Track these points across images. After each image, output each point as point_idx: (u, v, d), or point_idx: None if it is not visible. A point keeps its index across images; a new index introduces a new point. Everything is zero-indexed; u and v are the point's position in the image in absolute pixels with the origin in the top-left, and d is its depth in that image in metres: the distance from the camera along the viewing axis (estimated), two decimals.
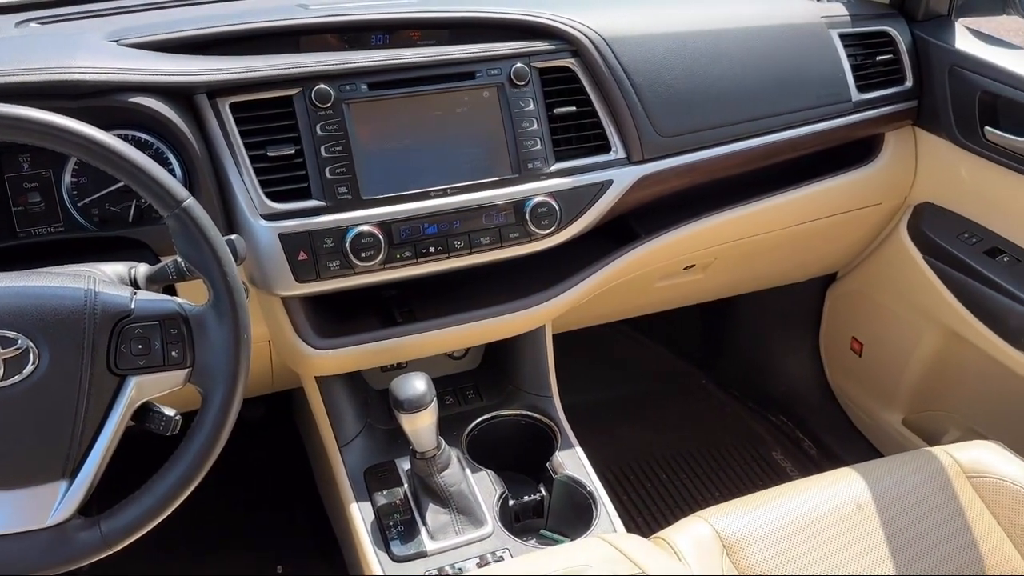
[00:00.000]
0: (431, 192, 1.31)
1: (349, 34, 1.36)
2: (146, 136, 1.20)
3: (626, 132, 1.42)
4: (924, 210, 1.77)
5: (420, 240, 1.30)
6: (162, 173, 0.94)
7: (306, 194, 1.26)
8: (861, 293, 2.02)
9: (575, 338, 1.88)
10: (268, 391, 1.74)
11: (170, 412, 0.98)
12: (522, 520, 1.42)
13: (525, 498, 1.42)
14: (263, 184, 1.24)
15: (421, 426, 1.27)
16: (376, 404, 1.52)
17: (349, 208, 1.27)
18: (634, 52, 1.43)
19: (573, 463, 1.45)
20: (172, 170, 1.21)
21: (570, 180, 1.38)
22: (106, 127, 0.96)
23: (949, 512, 1.20)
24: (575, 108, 1.39)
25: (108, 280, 0.97)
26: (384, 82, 1.29)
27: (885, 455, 1.75)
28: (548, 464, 1.45)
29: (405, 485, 1.39)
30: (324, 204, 1.26)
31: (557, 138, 1.38)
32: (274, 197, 1.24)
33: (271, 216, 1.24)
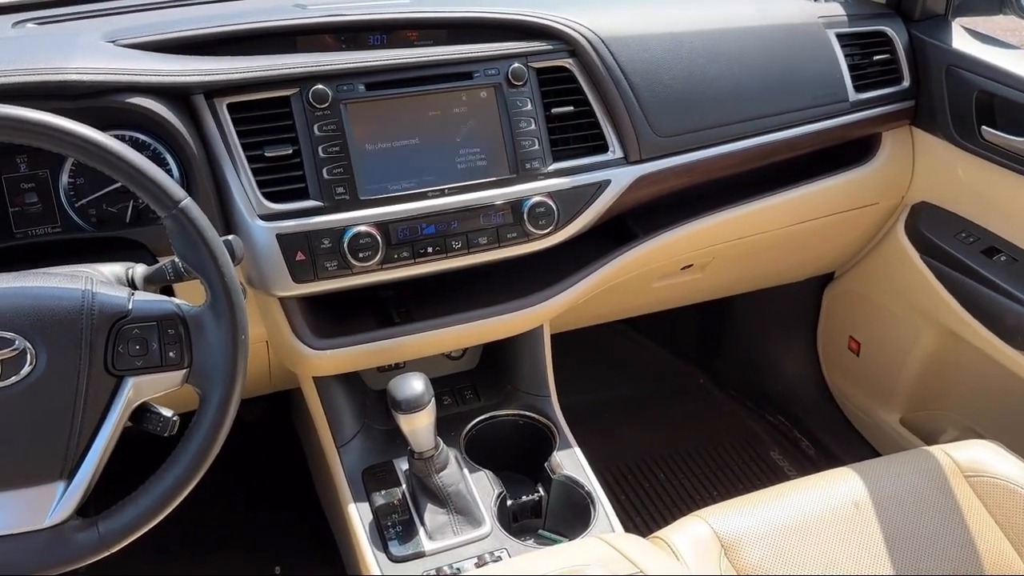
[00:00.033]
0: (429, 192, 1.31)
1: (346, 34, 1.36)
2: (143, 136, 1.20)
3: (624, 132, 1.42)
4: (921, 210, 1.77)
5: (418, 240, 1.30)
6: (159, 173, 0.94)
7: (303, 194, 1.26)
8: (859, 293, 2.02)
9: (573, 338, 1.88)
10: (266, 392, 1.74)
11: (168, 413, 0.98)
12: (520, 520, 1.42)
13: (523, 498, 1.42)
14: (260, 184, 1.24)
15: (419, 426, 1.27)
16: (374, 404, 1.52)
17: (347, 208, 1.27)
18: (631, 52, 1.43)
19: (571, 463, 1.45)
20: (169, 170, 1.21)
21: (568, 180, 1.38)
22: (103, 127, 0.96)
23: (947, 511, 1.20)
24: (573, 108, 1.39)
25: (106, 281, 0.97)
26: (382, 82, 1.30)
27: (883, 454, 1.75)
28: (546, 464, 1.45)
29: (403, 485, 1.39)
30: (322, 204, 1.26)
31: (555, 138, 1.39)
32: (271, 197, 1.24)
33: (268, 216, 1.24)
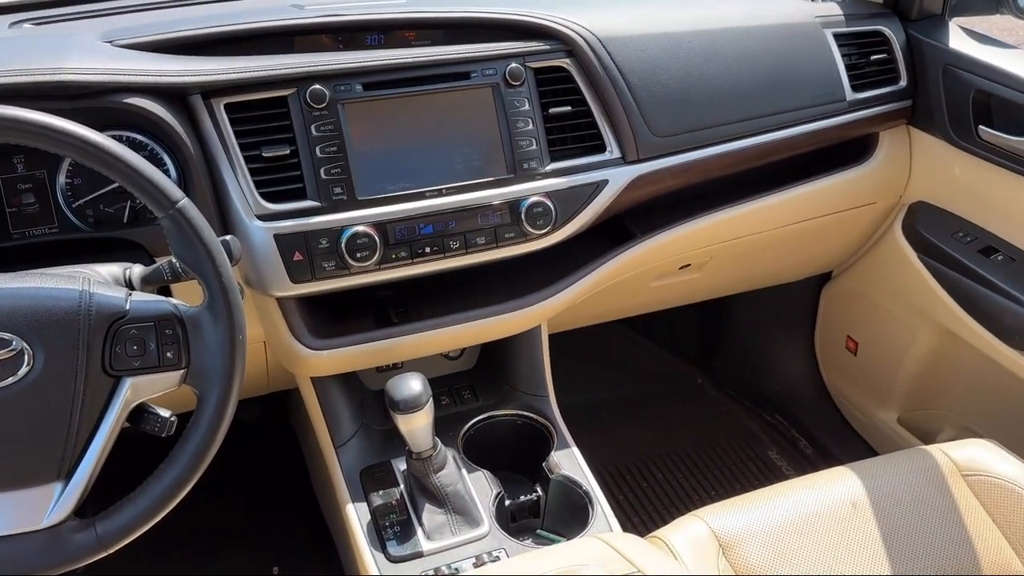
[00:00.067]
0: (427, 192, 1.31)
1: (344, 34, 1.36)
2: (140, 137, 1.20)
3: (621, 132, 1.42)
4: (919, 209, 1.77)
5: (416, 240, 1.30)
6: (156, 174, 0.94)
7: (301, 195, 1.26)
8: (856, 292, 2.02)
9: (571, 338, 1.88)
10: (264, 392, 1.74)
11: (165, 413, 0.97)
12: (518, 520, 1.42)
13: (521, 498, 1.42)
14: (258, 185, 1.24)
15: (417, 426, 1.27)
16: (372, 405, 1.52)
17: (344, 208, 1.27)
18: (629, 52, 1.43)
19: (569, 463, 1.45)
20: (167, 171, 1.21)
21: (565, 180, 1.38)
22: (100, 128, 0.96)
23: (944, 510, 1.20)
24: (570, 108, 1.40)
25: (103, 281, 0.97)
26: (379, 82, 1.29)
27: (880, 454, 1.76)
28: (544, 464, 1.45)
29: (401, 485, 1.38)
30: (319, 205, 1.26)
31: (552, 138, 1.39)
32: (269, 198, 1.24)
33: (266, 217, 1.24)
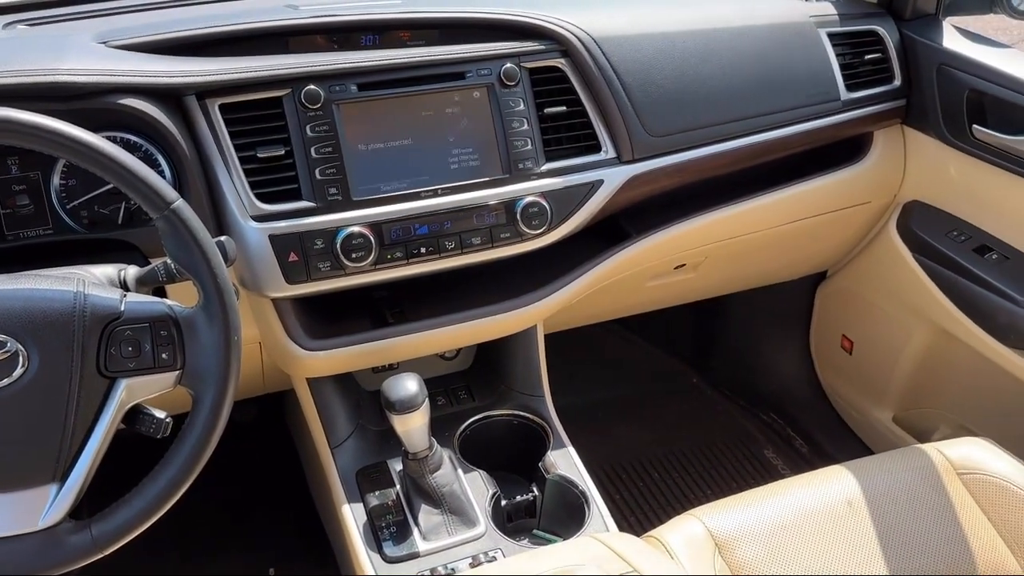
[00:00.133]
0: (422, 193, 1.31)
1: (339, 35, 1.35)
2: (135, 138, 1.20)
3: (616, 132, 1.42)
4: (913, 208, 1.77)
5: (411, 241, 1.30)
6: (151, 175, 0.94)
7: (296, 195, 1.26)
8: (851, 291, 2.03)
9: (567, 338, 1.88)
10: (259, 393, 1.74)
11: (161, 414, 0.97)
12: (515, 520, 1.42)
13: (518, 498, 1.42)
14: (253, 185, 1.24)
15: (413, 427, 1.27)
16: (368, 405, 1.52)
17: (339, 209, 1.26)
18: (624, 52, 1.43)
19: (565, 463, 1.45)
20: (161, 172, 1.21)
21: (561, 180, 1.38)
22: (95, 129, 0.96)
23: (940, 509, 1.20)
24: (565, 108, 1.40)
25: (98, 282, 0.97)
26: (374, 83, 1.29)
27: (876, 452, 1.75)
28: (540, 464, 1.45)
29: (397, 486, 1.38)
30: (314, 205, 1.25)
31: (547, 138, 1.38)
32: (264, 198, 1.24)
33: (261, 217, 1.24)
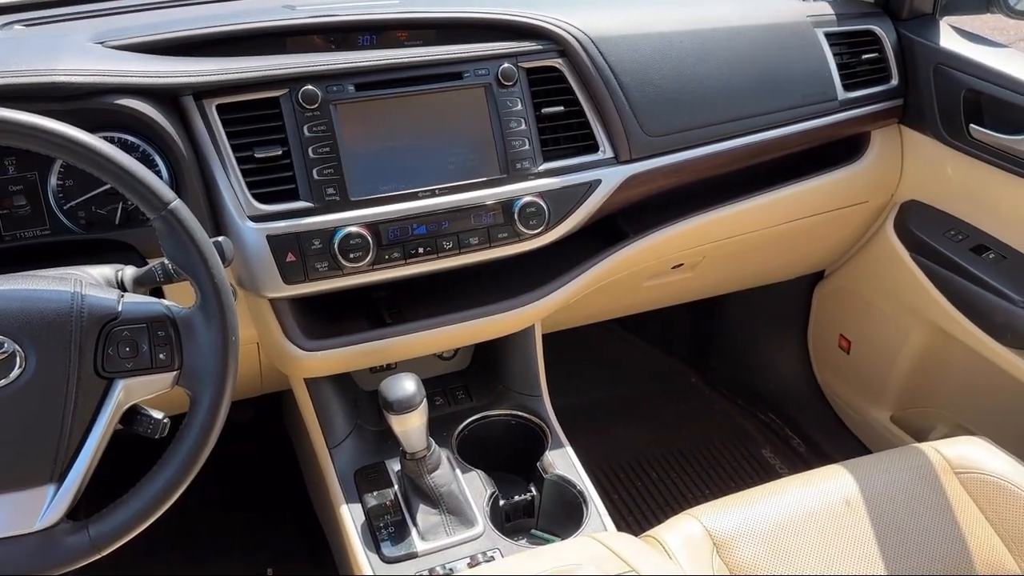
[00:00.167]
0: (419, 193, 1.31)
1: (336, 35, 1.35)
2: (132, 138, 1.20)
3: (614, 132, 1.42)
4: (910, 208, 1.78)
5: (409, 241, 1.30)
6: (148, 175, 0.94)
7: (294, 195, 1.26)
8: (849, 291, 2.03)
9: (565, 338, 1.89)
10: (257, 393, 1.73)
11: (158, 415, 0.97)
12: (513, 520, 1.42)
13: (516, 498, 1.42)
14: (250, 186, 1.24)
15: (411, 427, 1.27)
16: (366, 405, 1.52)
17: (337, 209, 1.26)
18: (621, 52, 1.43)
19: (563, 463, 1.45)
20: (159, 172, 1.21)
21: (558, 180, 1.38)
22: (92, 129, 0.96)
23: (937, 508, 1.21)
24: (563, 108, 1.40)
25: (95, 283, 0.97)
26: (371, 83, 1.29)
27: (873, 452, 1.75)
28: (538, 464, 1.45)
29: (395, 486, 1.38)
30: (312, 205, 1.25)
31: (545, 138, 1.39)
32: (261, 199, 1.24)
33: (258, 218, 1.23)
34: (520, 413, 1.54)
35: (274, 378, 1.55)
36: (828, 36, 1.62)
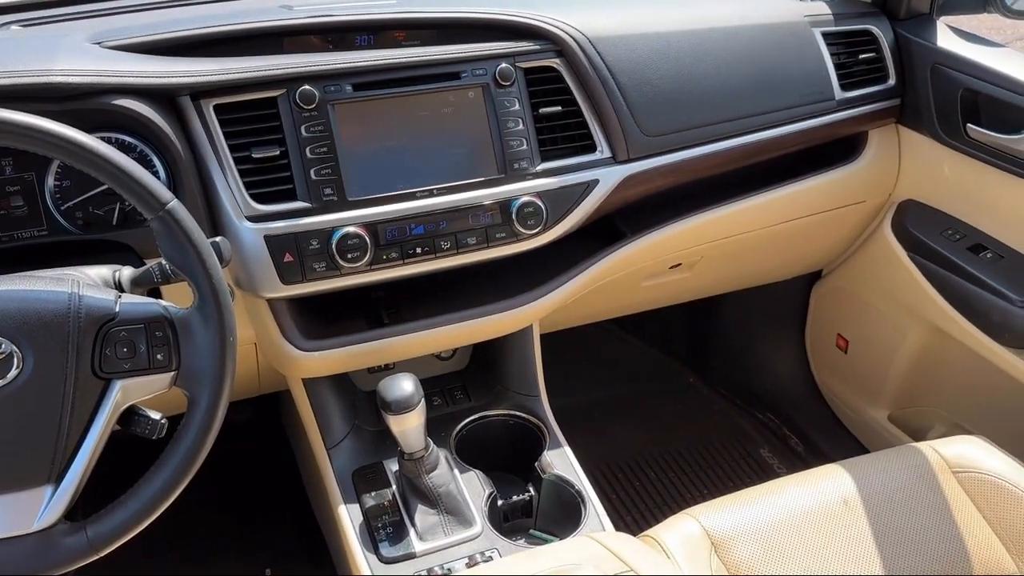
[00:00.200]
0: (417, 193, 1.31)
1: (333, 35, 1.35)
2: (129, 139, 1.20)
3: (611, 132, 1.42)
4: (908, 207, 1.78)
5: (406, 241, 1.30)
6: (146, 175, 0.93)
7: (291, 195, 1.26)
8: (846, 290, 2.03)
9: (563, 338, 1.89)
10: (255, 394, 1.73)
11: (156, 416, 0.97)
12: (511, 520, 1.42)
13: (514, 498, 1.42)
14: (248, 186, 1.24)
15: (409, 427, 1.27)
16: (364, 406, 1.52)
17: (335, 209, 1.26)
18: (619, 52, 1.43)
19: (561, 462, 1.45)
20: (156, 172, 1.21)
21: (556, 180, 1.38)
22: (89, 130, 0.96)
23: (935, 507, 1.21)
24: (560, 108, 1.40)
25: (92, 283, 0.97)
26: (369, 83, 1.29)
27: (871, 451, 1.76)
28: (536, 464, 1.45)
29: (393, 486, 1.38)
30: (309, 205, 1.25)
31: (543, 138, 1.39)
32: (259, 199, 1.24)
33: (256, 218, 1.23)
34: (518, 413, 1.54)
35: (272, 378, 1.55)
36: (825, 36, 1.62)
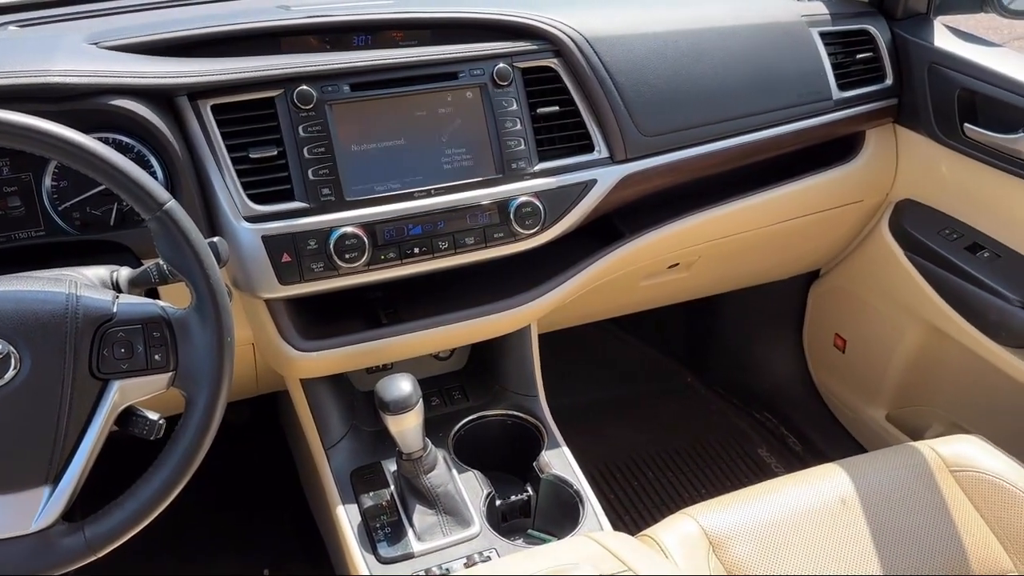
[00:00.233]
0: (415, 193, 1.31)
1: (331, 35, 1.35)
2: (127, 139, 1.19)
3: (609, 132, 1.42)
4: (905, 207, 1.78)
5: (404, 241, 1.30)
6: (143, 176, 0.93)
7: (289, 196, 1.26)
8: (844, 290, 2.03)
9: (561, 338, 1.89)
10: (253, 394, 1.73)
11: (154, 416, 0.97)
12: (509, 520, 1.42)
13: (512, 498, 1.42)
14: (245, 186, 1.23)
15: (407, 427, 1.27)
16: (362, 406, 1.52)
17: (332, 209, 1.26)
18: (616, 52, 1.43)
19: (560, 462, 1.45)
20: (153, 173, 1.20)
21: (554, 180, 1.38)
22: (87, 130, 0.96)
23: (933, 506, 1.21)
24: (558, 108, 1.40)
25: (90, 284, 0.97)
26: (367, 83, 1.29)
27: (869, 450, 1.76)
28: (535, 464, 1.45)
29: (391, 486, 1.38)
30: (307, 206, 1.25)
31: (541, 138, 1.39)
32: (257, 199, 1.24)
33: (254, 218, 1.23)
34: (516, 413, 1.54)
35: (270, 379, 1.55)
36: (823, 36, 1.62)
